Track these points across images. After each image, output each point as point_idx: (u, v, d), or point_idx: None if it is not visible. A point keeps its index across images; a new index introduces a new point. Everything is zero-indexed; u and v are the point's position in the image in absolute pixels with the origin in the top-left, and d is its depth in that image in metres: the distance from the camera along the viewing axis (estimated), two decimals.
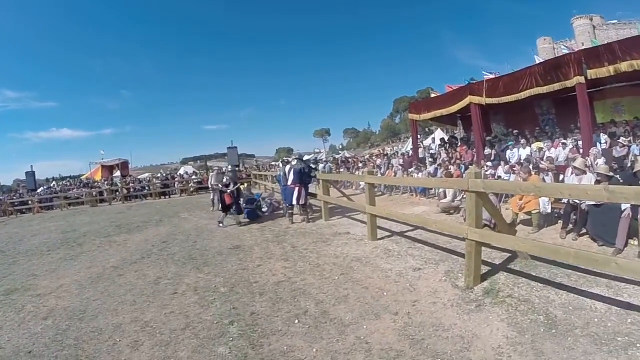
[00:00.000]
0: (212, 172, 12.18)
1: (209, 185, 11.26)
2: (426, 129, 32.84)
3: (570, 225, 5.40)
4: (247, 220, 8.28)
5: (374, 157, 17.42)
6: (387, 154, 17.70)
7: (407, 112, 13.38)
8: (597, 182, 5.02)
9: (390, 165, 12.98)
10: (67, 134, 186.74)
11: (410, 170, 11.21)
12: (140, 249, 6.50)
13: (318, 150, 47.16)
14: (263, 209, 9.22)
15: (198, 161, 34.76)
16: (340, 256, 4.86)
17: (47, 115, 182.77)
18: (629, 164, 7.51)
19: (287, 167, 7.93)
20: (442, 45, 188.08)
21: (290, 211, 7.72)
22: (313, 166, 8.85)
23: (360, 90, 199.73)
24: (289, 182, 7.63)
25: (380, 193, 11.70)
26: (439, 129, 21.30)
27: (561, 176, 7.17)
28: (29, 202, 18.88)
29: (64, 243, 7.90)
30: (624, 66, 7.06)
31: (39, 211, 17.81)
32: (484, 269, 3.85)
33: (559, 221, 5.55)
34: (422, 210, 7.87)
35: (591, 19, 77.12)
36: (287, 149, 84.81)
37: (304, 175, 7.70)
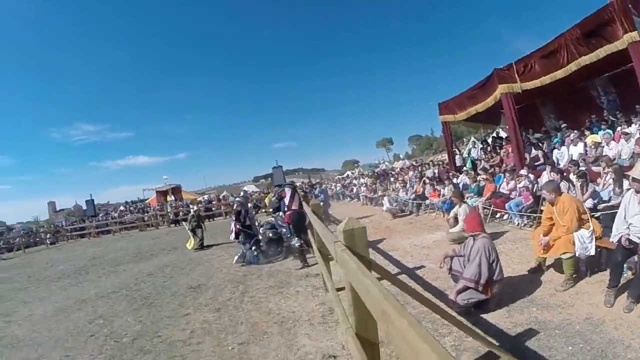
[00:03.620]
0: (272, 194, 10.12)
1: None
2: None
3: (629, 275, 3.27)
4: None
5: (405, 170, 15.71)
6: (420, 164, 15.90)
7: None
8: None
9: (421, 179, 11.40)
10: (144, 161, 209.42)
11: (436, 186, 9.66)
12: (125, 281, 6.73)
13: (380, 162, 44.23)
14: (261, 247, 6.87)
15: (269, 179, 38.39)
16: (272, 312, 4.07)
17: (124, 145, 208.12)
18: None
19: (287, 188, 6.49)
20: (503, 42, 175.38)
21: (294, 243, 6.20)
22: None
23: (424, 96, 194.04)
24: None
25: (408, 212, 10.46)
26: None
27: (626, 184, 5.32)
28: (86, 228, 20.54)
29: (78, 271, 8.60)
30: None
31: (94, 236, 19.06)
32: None
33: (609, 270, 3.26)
34: (437, 238, 6.62)
35: None
36: (353, 161, 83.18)
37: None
